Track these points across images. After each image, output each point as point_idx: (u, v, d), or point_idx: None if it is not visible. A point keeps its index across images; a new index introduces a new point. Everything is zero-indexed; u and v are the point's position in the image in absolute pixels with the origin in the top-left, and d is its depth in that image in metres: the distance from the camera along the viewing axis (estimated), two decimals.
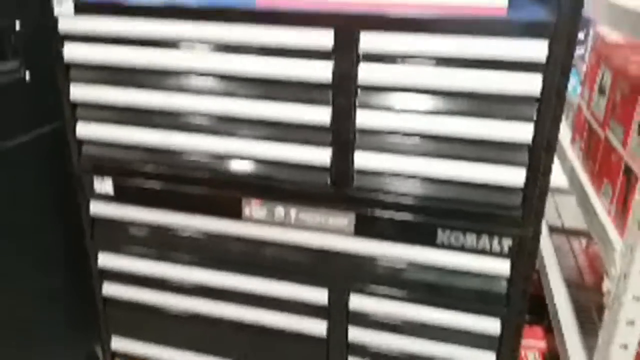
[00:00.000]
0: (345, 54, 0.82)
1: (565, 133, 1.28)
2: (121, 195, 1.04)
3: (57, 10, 0.91)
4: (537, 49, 0.75)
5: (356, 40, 0.81)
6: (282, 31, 0.83)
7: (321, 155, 0.89)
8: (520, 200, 0.84)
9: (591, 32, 1.40)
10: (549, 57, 0.75)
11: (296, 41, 0.83)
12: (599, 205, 0.95)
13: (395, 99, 0.83)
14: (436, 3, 0.78)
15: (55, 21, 0.93)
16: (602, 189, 0.95)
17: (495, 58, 0.77)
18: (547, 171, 0.82)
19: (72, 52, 0.95)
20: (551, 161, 0.82)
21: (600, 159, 0.98)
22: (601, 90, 1.03)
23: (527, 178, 0.82)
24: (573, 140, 1.21)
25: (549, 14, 0.75)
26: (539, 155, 0.81)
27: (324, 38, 0.82)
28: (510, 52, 0.76)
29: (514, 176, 0.82)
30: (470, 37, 0.77)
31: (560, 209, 1.58)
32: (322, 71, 0.84)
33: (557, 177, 1.04)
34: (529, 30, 0.75)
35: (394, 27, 0.79)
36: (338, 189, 0.90)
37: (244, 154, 0.93)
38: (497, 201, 0.84)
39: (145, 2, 0.89)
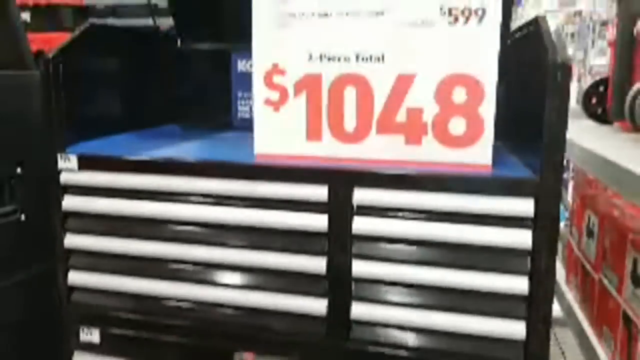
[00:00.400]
0: (339, 208, 0.84)
1: (558, 266, 1.29)
2: (108, 345, 1.00)
3: (61, 165, 0.95)
4: (524, 206, 0.78)
5: (350, 195, 0.84)
6: (278, 186, 0.86)
7: (317, 305, 0.88)
8: (522, 354, 0.81)
9: (571, 164, 1.46)
10: (536, 213, 0.78)
11: (292, 195, 0.86)
12: (602, 353, 0.92)
13: (391, 250, 0.84)
14: (424, 160, 0.83)
15: (58, 174, 0.96)
16: (603, 335, 0.93)
17: (484, 213, 0.79)
18: (547, 322, 0.81)
19: (71, 203, 0.97)
20: (550, 312, 0.81)
21: (597, 302, 0.98)
22: (589, 233, 1.05)
23: (528, 330, 0.80)
24: (568, 279, 1.21)
25: (532, 172, 0.79)
26: (537, 306, 0.80)
27: (319, 194, 0.84)
28: (497, 209, 0.79)
29: (514, 329, 0.81)
30: (458, 194, 0.80)
31: (560, 341, 1.54)
32: (317, 223, 0.86)
33: (555, 306, 1.03)
34: (515, 188, 0.78)
35: (385, 183, 0.82)
36: (335, 340, 0.88)
37: (237, 304, 0.92)
38: (498, 355, 0.82)
39: (146, 157, 0.93)
